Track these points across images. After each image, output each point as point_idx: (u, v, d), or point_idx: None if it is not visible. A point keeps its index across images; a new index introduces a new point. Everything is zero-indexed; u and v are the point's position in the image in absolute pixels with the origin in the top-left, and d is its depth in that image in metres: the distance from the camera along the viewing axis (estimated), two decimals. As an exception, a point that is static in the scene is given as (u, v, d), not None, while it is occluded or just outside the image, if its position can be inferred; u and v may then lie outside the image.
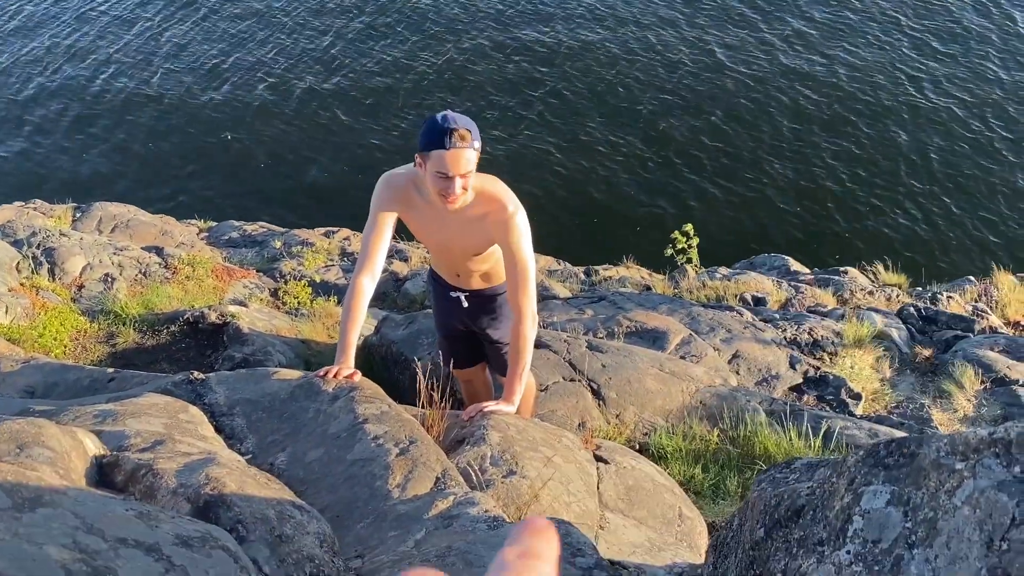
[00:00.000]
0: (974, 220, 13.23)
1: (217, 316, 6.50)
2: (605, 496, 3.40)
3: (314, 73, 16.91)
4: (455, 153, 3.02)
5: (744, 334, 6.67)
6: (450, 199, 3.13)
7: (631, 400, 5.06)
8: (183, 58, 17.73)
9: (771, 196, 13.60)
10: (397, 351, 5.68)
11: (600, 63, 16.59)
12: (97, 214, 10.51)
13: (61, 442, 2.25)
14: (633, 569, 2.54)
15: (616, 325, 6.45)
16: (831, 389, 6.09)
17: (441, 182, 3.08)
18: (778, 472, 2.07)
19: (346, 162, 14.70)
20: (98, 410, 2.89)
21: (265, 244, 10.78)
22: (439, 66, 16.82)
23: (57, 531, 1.72)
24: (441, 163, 3.03)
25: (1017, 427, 1.39)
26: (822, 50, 16.68)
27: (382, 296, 8.89)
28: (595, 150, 14.55)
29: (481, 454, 3.22)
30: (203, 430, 2.96)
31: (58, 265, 7.54)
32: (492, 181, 3.35)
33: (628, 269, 10.83)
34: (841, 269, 10.44)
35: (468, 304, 3.84)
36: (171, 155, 15.20)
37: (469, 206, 3.29)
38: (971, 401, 6.34)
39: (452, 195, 3.10)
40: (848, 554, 1.54)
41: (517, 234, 3.32)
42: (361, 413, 3.18)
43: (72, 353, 6.18)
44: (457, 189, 3.09)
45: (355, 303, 3.38)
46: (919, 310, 8.05)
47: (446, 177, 3.06)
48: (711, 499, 4.34)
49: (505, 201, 3.30)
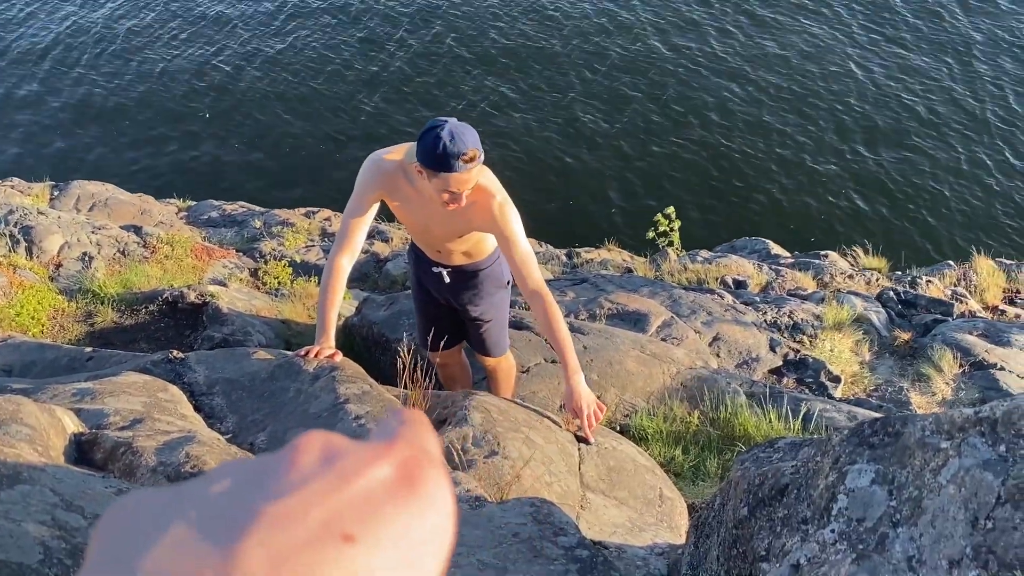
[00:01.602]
0: (954, 205, 13.31)
1: (196, 296, 6.45)
2: (586, 476, 3.40)
3: (294, 51, 16.78)
4: (465, 175, 3.02)
5: (725, 317, 6.68)
6: (452, 206, 3.16)
7: (612, 382, 5.06)
8: (163, 35, 17.55)
9: (753, 180, 13.62)
10: (378, 332, 5.66)
11: (580, 47, 16.54)
12: (75, 192, 10.41)
13: (39, 419, 2.23)
14: (614, 549, 2.54)
15: (598, 307, 6.45)
16: (811, 372, 6.11)
17: (448, 196, 3.10)
18: (762, 451, 2.07)
19: (327, 141, 14.61)
20: (76, 388, 2.86)
21: (245, 224, 10.71)
22: (421, 44, 16.72)
23: (36, 508, 1.70)
24: (451, 183, 3.02)
25: (1002, 406, 1.39)
26: (802, 32, 16.70)
27: (363, 277, 8.86)
28: (577, 133, 14.53)
29: (463, 434, 3.21)
30: (183, 409, 2.94)
31: (36, 243, 7.46)
32: (481, 171, 3.33)
33: (610, 252, 10.83)
34: (821, 253, 10.47)
35: (450, 280, 3.82)
36: (148, 132, 15.05)
37: None
38: (949, 385, 6.38)
39: (458, 205, 3.14)
40: (832, 532, 1.54)
41: (510, 223, 3.31)
42: (342, 393, 3.16)
43: (50, 332, 6.13)
44: (464, 201, 3.12)
45: (333, 282, 3.36)
46: (898, 294, 8.10)
47: (454, 193, 3.08)
48: (691, 480, 4.35)
49: (492, 191, 3.29)
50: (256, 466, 0.39)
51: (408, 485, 0.38)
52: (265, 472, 0.38)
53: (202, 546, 0.34)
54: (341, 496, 0.36)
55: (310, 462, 0.38)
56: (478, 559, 2.26)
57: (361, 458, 0.38)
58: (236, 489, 0.37)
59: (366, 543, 0.35)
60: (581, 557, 2.34)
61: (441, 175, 3.01)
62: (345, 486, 0.37)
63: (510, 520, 2.48)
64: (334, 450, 0.39)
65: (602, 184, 13.58)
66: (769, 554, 1.69)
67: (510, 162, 13.35)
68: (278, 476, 0.37)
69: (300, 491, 0.36)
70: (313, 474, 0.37)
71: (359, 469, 0.38)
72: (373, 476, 0.38)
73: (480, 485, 2.87)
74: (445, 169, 2.98)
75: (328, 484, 0.37)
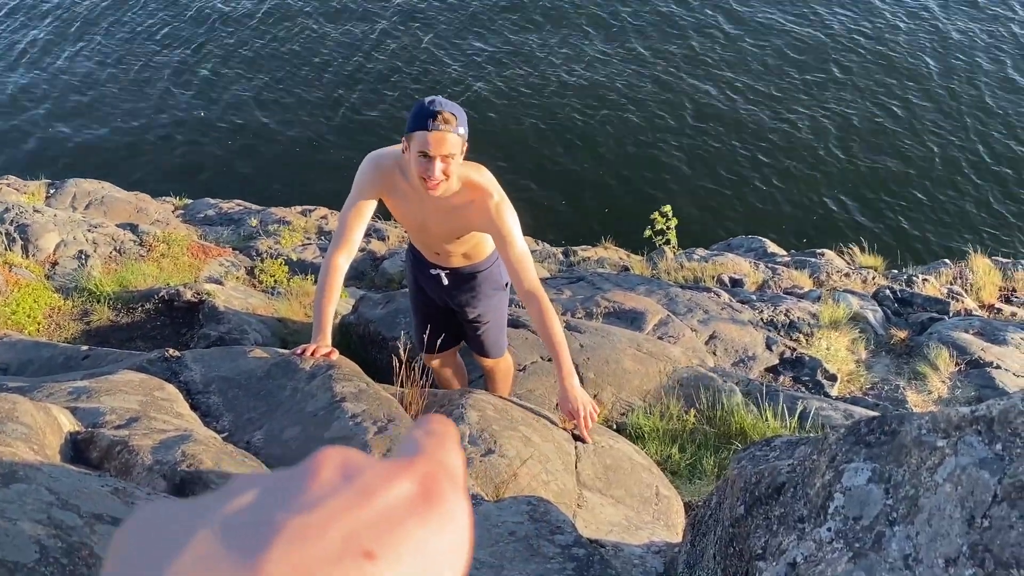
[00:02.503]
0: (950, 203, 13.31)
1: (193, 294, 6.44)
2: (583, 475, 3.40)
3: (293, 49, 16.76)
4: (438, 135, 2.99)
5: (721, 315, 6.69)
6: (431, 183, 3.07)
7: (609, 380, 5.06)
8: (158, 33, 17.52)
9: (750, 178, 13.63)
10: (375, 330, 5.65)
11: (571, 41, 16.54)
12: (71, 190, 10.39)
13: (35, 418, 2.22)
14: (611, 547, 2.54)
15: (594, 305, 6.45)
16: (807, 370, 6.12)
17: (422, 163, 3.04)
18: (758, 450, 2.07)
19: (324, 140, 14.60)
20: (73, 387, 2.86)
21: (241, 222, 10.69)
22: (419, 42, 16.71)
23: (31, 506, 1.70)
24: (424, 143, 3.00)
25: (999, 404, 1.39)
26: (794, 27, 16.70)
27: (360, 275, 8.85)
28: (571, 129, 14.52)
29: (460, 433, 3.20)
30: (179, 408, 2.94)
31: (32, 242, 7.44)
32: (478, 170, 3.32)
33: (606, 250, 10.84)
34: (818, 251, 10.48)
35: (448, 282, 3.82)
36: (145, 129, 15.03)
37: (454, 194, 3.26)
38: (945, 383, 6.39)
39: (433, 177, 3.04)
40: (829, 531, 1.54)
41: (506, 222, 3.30)
42: (339, 391, 3.16)
43: (46, 330, 6.12)
44: (437, 171, 3.03)
45: (330, 281, 3.35)
46: (895, 292, 8.11)
47: (427, 157, 3.02)
48: (688, 479, 4.35)
49: (490, 190, 3.28)
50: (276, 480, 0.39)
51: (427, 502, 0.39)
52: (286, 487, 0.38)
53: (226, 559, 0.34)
54: (362, 512, 0.37)
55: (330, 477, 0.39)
56: (474, 557, 2.26)
57: (381, 474, 0.39)
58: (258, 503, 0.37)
59: (387, 560, 0.36)
60: (578, 555, 2.34)
61: (416, 135, 3.01)
62: (366, 502, 0.37)
63: (507, 519, 2.48)
64: (354, 466, 0.40)
65: (599, 182, 13.57)
66: (765, 553, 1.69)
67: (505, 160, 13.33)
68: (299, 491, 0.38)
69: (321, 506, 0.37)
70: (334, 490, 0.38)
71: (379, 485, 0.38)
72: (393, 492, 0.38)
73: (477, 483, 2.87)
74: (420, 128, 2.99)
75: (349, 500, 0.37)
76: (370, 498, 0.37)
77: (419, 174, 3.08)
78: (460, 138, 3.06)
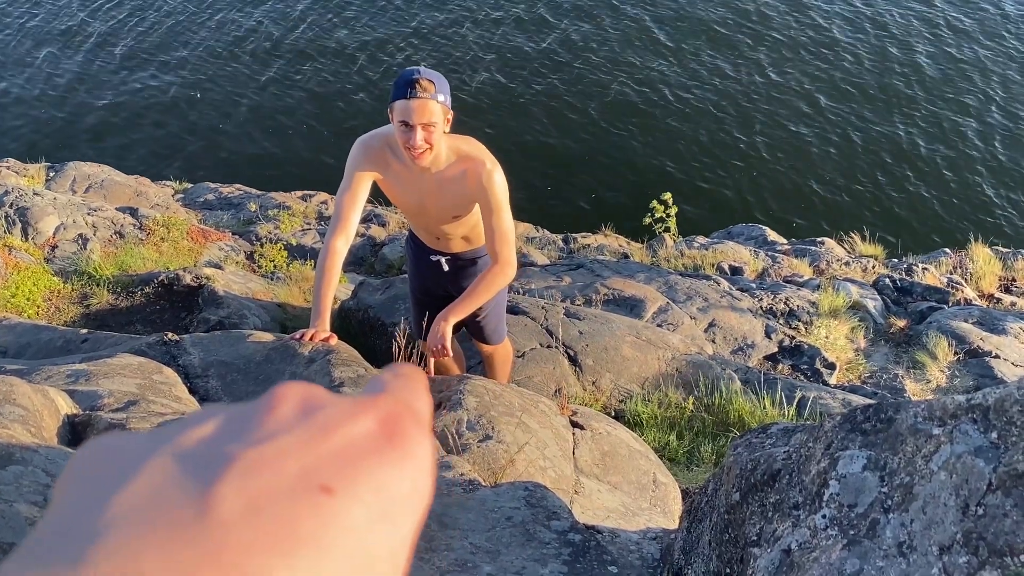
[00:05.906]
0: (951, 192, 13.30)
1: (192, 278, 6.44)
2: (580, 461, 3.41)
3: (290, 33, 16.71)
4: (417, 103, 2.99)
5: (720, 303, 6.69)
6: (415, 152, 3.08)
7: (607, 367, 5.07)
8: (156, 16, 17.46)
9: (750, 166, 13.61)
10: (374, 316, 5.65)
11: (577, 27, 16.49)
12: (71, 174, 10.38)
13: (33, 400, 2.22)
14: (607, 533, 2.55)
15: (594, 292, 6.45)
16: (805, 359, 6.12)
17: (404, 132, 3.05)
18: (754, 437, 2.07)
19: (324, 124, 14.57)
20: (71, 370, 2.86)
21: (241, 207, 10.69)
22: (420, 27, 16.66)
23: (28, 488, 1.70)
24: (404, 111, 3.01)
25: (995, 393, 1.39)
26: (804, 20, 16.65)
27: (359, 261, 8.85)
28: (572, 118, 14.49)
29: (458, 418, 3.21)
30: (177, 391, 2.94)
31: (31, 225, 7.44)
32: (468, 141, 3.32)
33: (606, 237, 10.83)
34: (818, 240, 10.48)
35: (448, 268, 3.82)
36: (143, 115, 14.99)
37: (447, 167, 3.26)
38: (944, 372, 6.40)
39: (414, 145, 3.06)
40: (824, 518, 1.54)
41: (495, 188, 3.30)
42: (337, 376, 3.16)
43: (45, 314, 6.12)
44: (419, 139, 3.05)
45: (329, 265, 3.34)
46: (894, 281, 8.10)
47: (408, 126, 3.03)
48: (685, 466, 4.36)
49: (482, 158, 3.28)
50: (235, 413, 0.38)
51: (389, 440, 0.37)
52: (243, 419, 0.37)
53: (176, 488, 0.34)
54: (320, 447, 0.36)
55: (290, 412, 0.38)
56: (471, 542, 2.26)
57: (342, 410, 0.38)
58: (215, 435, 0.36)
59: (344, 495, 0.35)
60: (574, 541, 2.35)
61: (397, 105, 3.02)
62: (324, 438, 0.36)
63: (503, 504, 2.49)
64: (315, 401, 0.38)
65: (599, 169, 13.55)
66: (760, 539, 1.69)
67: (506, 146, 13.30)
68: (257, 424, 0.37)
69: (278, 440, 0.36)
70: (292, 424, 0.37)
71: (340, 421, 0.37)
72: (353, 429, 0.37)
73: (474, 469, 2.87)
74: (400, 96, 3.01)
75: (307, 435, 0.36)
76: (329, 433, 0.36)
77: (403, 144, 3.10)
78: (440, 105, 3.06)
